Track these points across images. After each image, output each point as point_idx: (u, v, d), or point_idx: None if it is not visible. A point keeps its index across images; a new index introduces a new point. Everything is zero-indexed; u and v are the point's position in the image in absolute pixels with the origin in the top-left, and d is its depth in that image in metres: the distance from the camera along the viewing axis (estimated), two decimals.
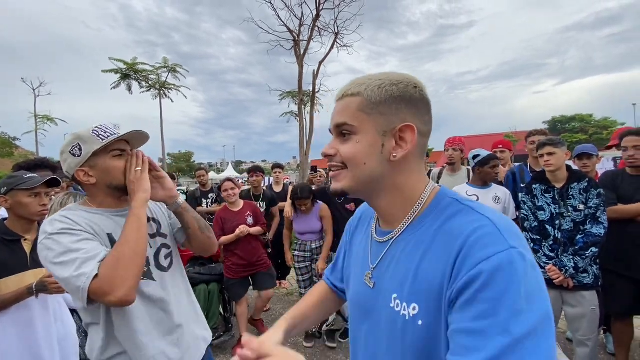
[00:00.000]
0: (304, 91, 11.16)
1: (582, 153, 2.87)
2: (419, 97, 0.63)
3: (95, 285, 0.88)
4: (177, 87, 19.38)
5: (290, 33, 7.59)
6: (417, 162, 0.65)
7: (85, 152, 1.03)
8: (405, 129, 0.61)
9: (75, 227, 0.97)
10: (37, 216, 1.59)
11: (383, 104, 0.61)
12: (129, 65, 17.65)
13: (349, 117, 0.62)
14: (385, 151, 0.61)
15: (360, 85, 0.63)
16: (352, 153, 0.62)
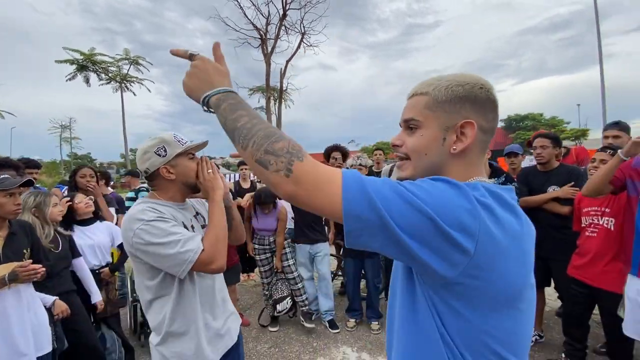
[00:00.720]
0: (273, 87, 11.21)
1: (509, 152, 3.37)
2: (484, 96, 0.69)
3: (202, 258, 1.14)
4: (139, 80, 18.58)
5: (257, 31, 7.68)
6: (476, 155, 0.71)
7: (169, 153, 1.25)
8: (466, 125, 0.67)
9: (165, 215, 1.20)
10: (11, 215, 1.69)
11: (448, 103, 0.68)
12: (86, 56, 16.60)
13: (416, 113, 0.70)
14: (446, 144, 0.68)
15: (429, 85, 0.70)
16: (415, 145, 0.70)
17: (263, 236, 3.38)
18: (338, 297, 3.99)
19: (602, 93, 15.71)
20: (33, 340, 1.73)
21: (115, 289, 2.77)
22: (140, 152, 1.28)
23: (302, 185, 0.57)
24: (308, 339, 3.14)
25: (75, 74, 17.07)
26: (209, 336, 1.29)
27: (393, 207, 0.54)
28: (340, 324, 3.36)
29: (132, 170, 5.38)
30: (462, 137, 0.68)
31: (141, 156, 1.27)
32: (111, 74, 17.63)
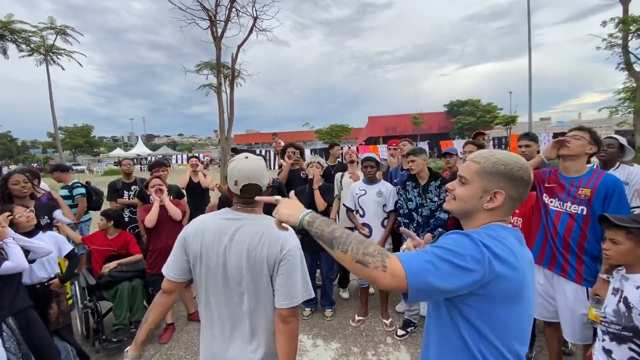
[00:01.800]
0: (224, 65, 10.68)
1: (445, 152, 3.77)
2: (519, 176, 0.97)
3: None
4: (68, 52, 16.44)
5: (206, 12, 7.26)
6: (502, 212, 1.00)
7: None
8: (498, 193, 0.97)
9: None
10: None
11: (491, 174, 0.97)
12: (2, 24, 14.08)
13: (467, 174, 1.01)
14: (482, 201, 0.98)
15: (483, 157, 1.00)
16: (461, 194, 1.02)
17: None
18: None
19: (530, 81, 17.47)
20: None
21: (66, 299, 2.71)
22: (263, 169, 1.39)
23: (394, 276, 0.82)
24: None
25: None
26: None
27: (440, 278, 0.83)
28: None
29: (61, 165, 4.89)
30: (493, 200, 0.97)
31: (264, 172, 1.39)
32: (34, 44, 15.36)
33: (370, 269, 0.83)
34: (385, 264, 0.82)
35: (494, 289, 0.88)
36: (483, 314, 0.90)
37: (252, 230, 1.31)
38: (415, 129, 38.53)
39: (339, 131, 37.34)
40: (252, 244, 1.29)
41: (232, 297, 1.32)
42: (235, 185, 1.35)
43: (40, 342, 2.19)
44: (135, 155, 35.91)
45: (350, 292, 4.09)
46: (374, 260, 0.83)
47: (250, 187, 1.34)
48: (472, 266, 0.84)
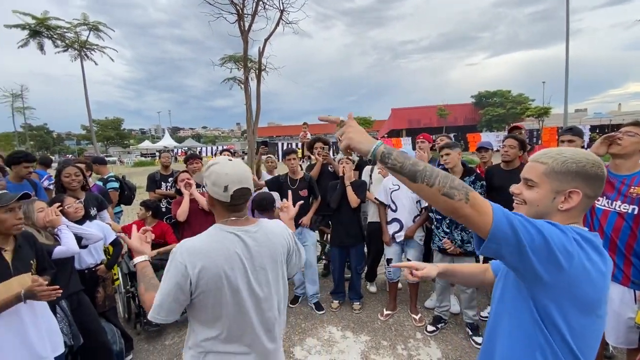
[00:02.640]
0: (249, 58, 10.77)
1: (480, 147, 3.66)
2: (593, 173, 0.91)
3: None
4: (101, 48, 17.14)
5: (234, 6, 7.33)
6: (577, 212, 0.94)
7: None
8: (573, 192, 0.91)
9: None
10: (13, 230, 1.73)
11: (562, 174, 0.92)
12: (39, 20, 14.90)
13: (534, 176, 0.96)
14: (555, 202, 0.93)
15: (550, 157, 0.94)
16: (530, 198, 0.97)
17: None
18: (321, 279, 4.30)
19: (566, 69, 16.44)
20: (49, 344, 1.86)
21: (111, 284, 2.88)
22: (250, 172, 1.36)
23: (474, 208, 0.81)
24: (297, 321, 3.44)
25: (28, 40, 15.45)
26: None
27: (524, 230, 0.80)
28: (325, 304, 3.68)
29: (98, 158, 5.14)
30: (569, 200, 0.92)
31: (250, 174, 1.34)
32: (68, 40, 16.12)
33: (455, 200, 0.81)
34: (468, 196, 0.81)
35: (578, 289, 0.84)
36: (566, 315, 0.87)
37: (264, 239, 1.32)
38: (440, 121, 37.50)
39: (360, 124, 36.33)
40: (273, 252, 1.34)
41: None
42: (224, 192, 1.22)
43: (90, 324, 2.35)
44: (163, 147, 37.16)
45: (378, 286, 4.11)
46: (459, 193, 0.82)
47: (242, 191, 1.24)
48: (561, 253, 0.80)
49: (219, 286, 1.20)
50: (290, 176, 3.66)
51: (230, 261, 1.22)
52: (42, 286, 1.67)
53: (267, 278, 1.31)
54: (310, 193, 3.64)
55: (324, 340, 3.10)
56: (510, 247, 0.81)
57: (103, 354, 2.39)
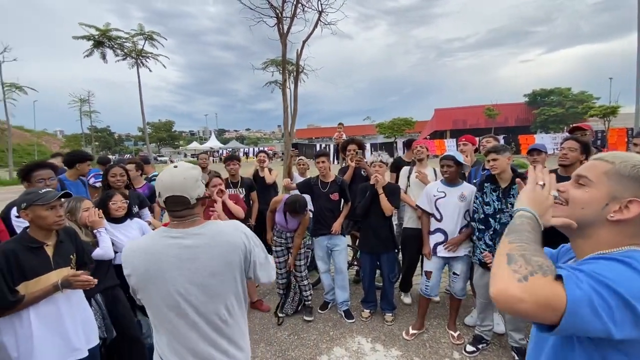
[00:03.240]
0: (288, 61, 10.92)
1: (532, 149, 3.28)
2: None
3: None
4: (155, 55, 18.48)
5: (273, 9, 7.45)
6: (633, 227, 0.77)
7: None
8: (634, 202, 0.75)
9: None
10: (55, 226, 1.84)
11: (627, 179, 0.76)
12: (101, 32, 16.56)
13: (592, 174, 0.81)
14: (605, 210, 0.78)
15: (617, 157, 0.80)
16: (577, 197, 0.82)
17: (281, 230, 3.48)
18: (352, 286, 4.16)
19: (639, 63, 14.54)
20: (84, 335, 1.95)
21: None
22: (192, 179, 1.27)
23: (531, 297, 0.64)
24: (325, 328, 3.34)
25: (92, 50, 17.18)
26: None
27: (607, 310, 0.63)
28: (355, 313, 3.54)
29: (144, 158, 5.47)
30: (624, 210, 0.76)
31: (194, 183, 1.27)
32: (126, 49, 17.62)
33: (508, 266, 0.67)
34: (531, 276, 0.65)
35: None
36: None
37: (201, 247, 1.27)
38: (488, 121, 35.25)
39: (401, 125, 35.79)
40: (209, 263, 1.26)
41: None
42: (159, 198, 1.26)
43: (124, 318, 2.45)
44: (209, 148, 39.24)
45: (413, 297, 3.87)
46: (524, 265, 0.66)
47: (173, 199, 1.23)
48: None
49: (149, 286, 1.24)
50: (321, 179, 3.57)
51: (160, 262, 1.23)
52: (76, 276, 1.76)
53: (209, 280, 1.26)
54: (341, 197, 3.53)
55: (352, 352, 2.96)
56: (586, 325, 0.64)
57: (135, 347, 2.47)
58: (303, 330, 3.31)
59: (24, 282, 1.74)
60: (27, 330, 1.76)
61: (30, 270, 1.76)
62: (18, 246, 1.76)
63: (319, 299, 3.85)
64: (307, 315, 3.48)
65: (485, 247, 2.67)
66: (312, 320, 3.46)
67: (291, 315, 3.54)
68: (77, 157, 3.53)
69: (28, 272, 1.75)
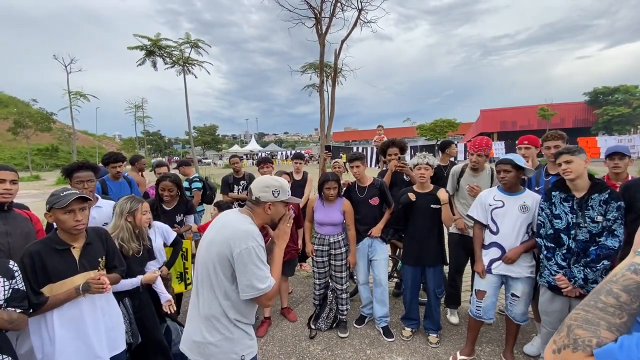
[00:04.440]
0: (326, 63, 10.80)
1: (613, 153, 2.75)
2: None
3: (270, 293, 1.49)
4: (200, 62, 19.36)
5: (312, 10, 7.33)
6: None
7: (279, 197, 1.61)
8: None
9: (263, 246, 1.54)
10: (74, 230, 1.75)
11: None
12: (153, 42, 17.65)
13: None
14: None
15: None
16: None
17: (323, 236, 3.22)
18: (392, 300, 3.84)
19: None
20: (107, 343, 1.87)
21: (171, 285, 2.94)
22: (262, 184, 1.61)
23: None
24: (361, 345, 3.06)
25: (144, 59, 18.42)
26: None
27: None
28: (395, 331, 3.22)
29: (184, 160, 5.62)
30: None
31: (262, 187, 1.61)
32: (175, 57, 18.66)
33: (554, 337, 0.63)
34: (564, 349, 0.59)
35: None
36: None
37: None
38: (542, 122, 32.49)
39: (444, 126, 34.09)
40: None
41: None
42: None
43: (149, 322, 2.38)
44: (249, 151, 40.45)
45: (461, 316, 3.46)
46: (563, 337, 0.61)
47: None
48: None
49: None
50: (358, 184, 3.30)
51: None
52: (94, 279, 1.70)
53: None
54: (382, 201, 3.22)
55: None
56: None
57: (161, 353, 2.39)
58: (337, 346, 3.06)
59: (49, 284, 1.70)
60: (51, 333, 1.71)
61: (54, 272, 1.71)
62: (44, 247, 1.72)
63: (355, 311, 3.58)
64: (342, 331, 3.23)
65: (557, 269, 2.23)
66: (347, 336, 3.20)
67: (325, 330, 3.31)
68: (106, 159, 3.65)
69: (52, 274, 1.70)
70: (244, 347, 1.59)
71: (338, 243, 3.19)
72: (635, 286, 0.57)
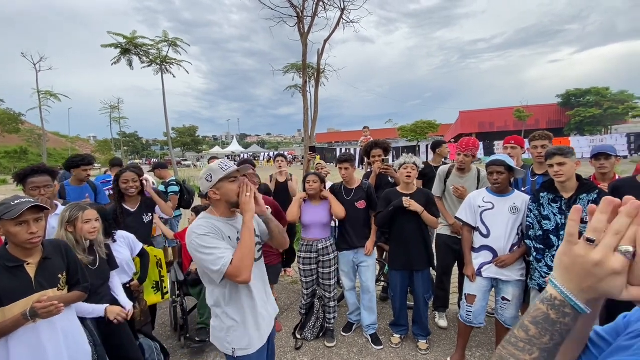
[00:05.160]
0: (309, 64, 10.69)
1: (598, 153, 2.75)
2: None
3: (229, 271, 1.47)
4: (178, 62, 18.73)
5: (294, 8, 7.22)
6: None
7: (214, 180, 1.59)
8: None
9: (211, 231, 1.54)
10: (28, 245, 1.54)
11: None
12: (128, 40, 16.90)
13: None
14: None
15: None
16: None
17: (310, 242, 3.09)
18: (379, 304, 3.75)
19: None
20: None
21: (142, 298, 2.72)
22: (199, 179, 1.66)
23: None
24: (349, 355, 2.95)
25: (120, 57, 17.66)
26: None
27: None
28: (383, 337, 3.12)
29: (160, 163, 5.35)
30: None
31: (200, 182, 1.66)
32: (152, 56, 18.01)
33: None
34: None
35: None
36: None
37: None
38: (518, 124, 33.58)
39: (424, 128, 34.73)
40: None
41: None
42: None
43: (123, 341, 2.18)
44: (230, 153, 39.78)
45: (449, 318, 3.41)
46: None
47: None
48: None
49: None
50: (345, 185, 3.19)
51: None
52: (39, 303, 1.47)
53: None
54: (369, 205, 3.12)
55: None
56: None
57: None
58: (324, 356, 2.93)
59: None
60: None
61: (4, 294, 1.48)
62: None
63: (342, 318, 3.46)
64: (329, 340, 3.10)
65: (547, 271, 2.19)
66: (335, 345, 3.08)
67: (311, 340, 3.17)
68: (70, 162, 3.36)
69: (3, 297, 1.48)
70: (234, 340, 1.63)
71: (326, 249, 3.07)
72: (543, 317, 0.51)
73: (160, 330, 3.47)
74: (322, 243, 3.07)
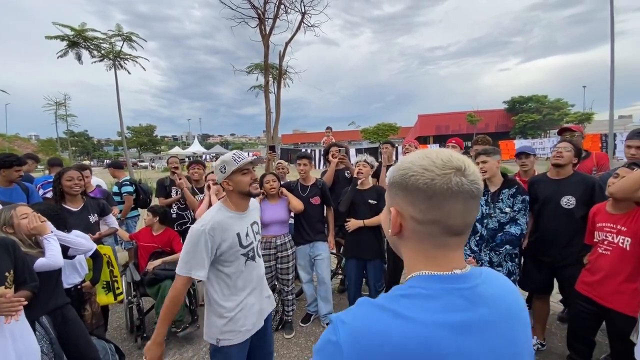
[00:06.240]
0: (271, 65, 10.72)
1: (520, 152, 3.17)
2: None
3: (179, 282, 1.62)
4: (133, 57, 17.80)
5: (255, 10, 7.26)
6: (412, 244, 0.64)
7: (227, 171, 1.67)
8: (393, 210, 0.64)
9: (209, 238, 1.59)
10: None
11: (393, 186, 0.64)
12: (76, 32, 15.69)
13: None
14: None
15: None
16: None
17: (269, 239, 3.18)
18: (337, 296, 3.95)
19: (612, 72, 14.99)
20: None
21: (96, 300, 2.68)
22: (215, 169, 1.75)
23: None
24: (307, 343, 3.10)
25: (67, 50, 16.37)
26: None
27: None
28: None
29: (116, 162, 5.16)
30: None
31: (216, 173, 1.73)
32: (104, 50, 16.95)
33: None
34: None
35: None
36: None
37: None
38: (470, 127, 36.02)
39: (386, 130, 36.10)
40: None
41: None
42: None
43: (78, 339, 2.15)
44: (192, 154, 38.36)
45: None
46: None
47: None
48: None
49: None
50: (301, 182, 3.36)
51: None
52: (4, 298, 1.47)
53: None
54: (323, 201, 3.31)
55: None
56: None
57: None
58: (283, 347, 3.06)
59: None
60: None
61: None
62: None
63: (300, 310, 3.61)
64: (288, 332, 3.23)
65: (469, 253, 2.52)
66: (293, 335, 3.22)
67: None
68: (1, 163, 3.10)
69: None
70: (218, 331, 1.69)
71: (284, 245, 3.20)
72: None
73: (115, 333, 3.39)
74: (281, 239, 3.19)
